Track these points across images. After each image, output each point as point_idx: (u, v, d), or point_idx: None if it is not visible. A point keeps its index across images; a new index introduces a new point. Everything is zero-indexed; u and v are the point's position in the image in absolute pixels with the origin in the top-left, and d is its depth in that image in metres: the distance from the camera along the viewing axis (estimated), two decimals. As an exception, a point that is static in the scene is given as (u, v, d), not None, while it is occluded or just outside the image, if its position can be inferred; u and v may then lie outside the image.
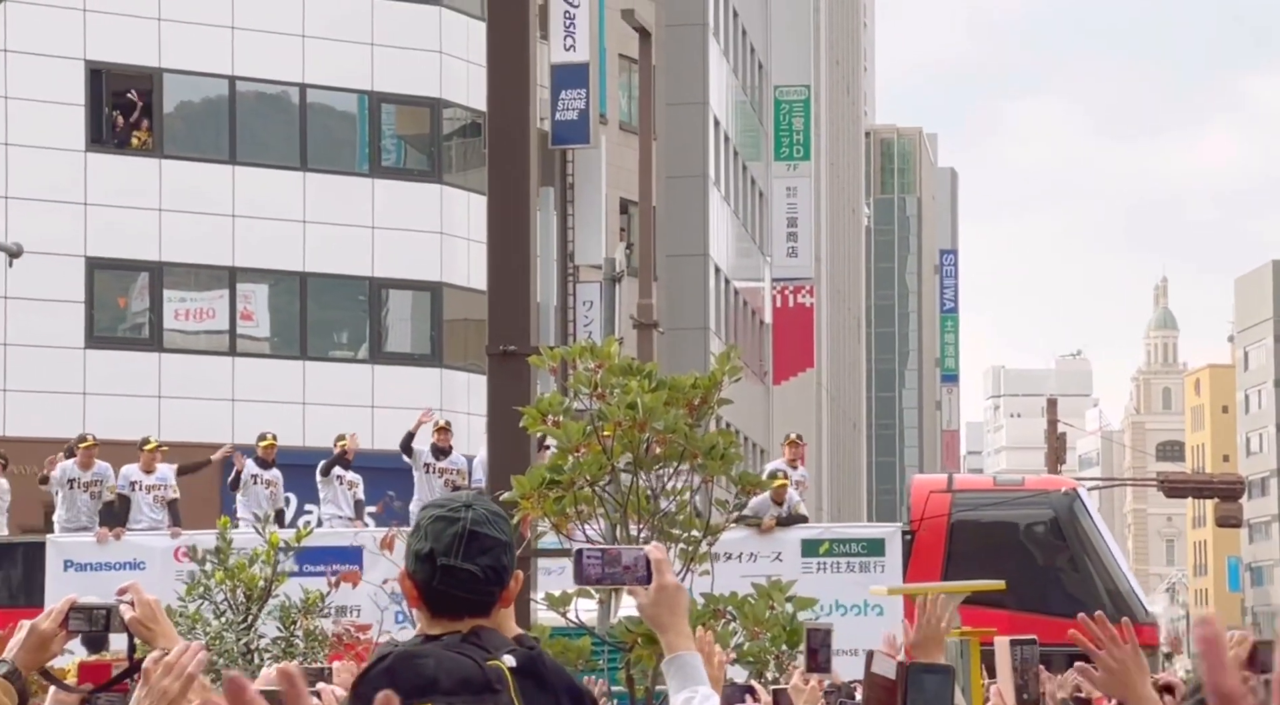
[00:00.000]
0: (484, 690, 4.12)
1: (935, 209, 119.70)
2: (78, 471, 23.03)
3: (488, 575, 4.24)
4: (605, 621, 11.44)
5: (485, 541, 4.25)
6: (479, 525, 4.25)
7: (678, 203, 49.99)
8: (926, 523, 22.56)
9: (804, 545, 22.38)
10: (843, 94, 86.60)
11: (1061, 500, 23.06)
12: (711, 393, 11.41)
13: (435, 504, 4.37)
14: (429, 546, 4.25)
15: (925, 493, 23.23)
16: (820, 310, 68.46)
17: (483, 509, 4.32)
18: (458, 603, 4.24)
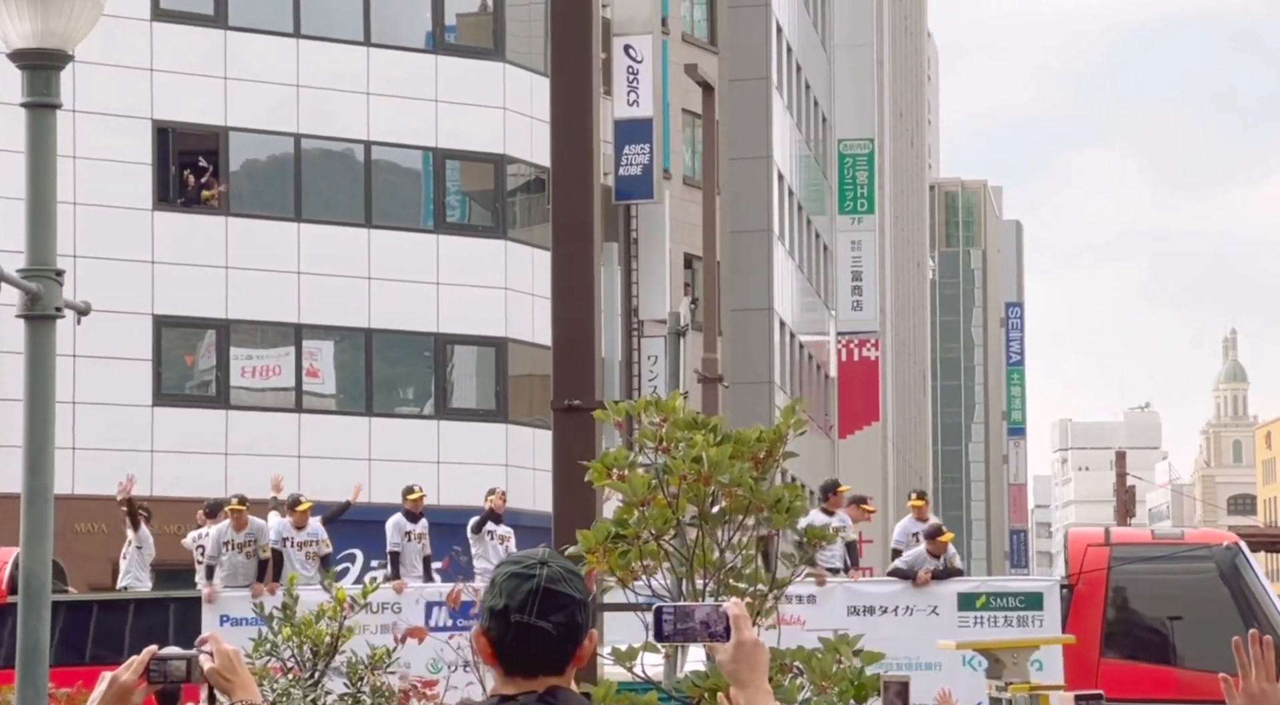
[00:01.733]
0: None
1: (1000, 262, 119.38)
2: (231, 534, 23.15)
3: (562, 633, 4.18)
4: (671, 676, 11.38)
5: (560, 598, 4.19)
6: (554, 582, 4.19)
7: (742, 257, 50.00)
8: (1085, 576, 22.26)
9: (960, 599, 22.20)
10: (906, 147, 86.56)
11: (1224, 554, 22.71)
12: (777, 446, 11.36)
13: (511, 560, 4.33)
14: (504, 603, 4.19)
15: (1083, 546, 22.87)
16: (885, 364, 68.31)
17: (558, 566, 4.28)
18: (532, 661, 4.19)
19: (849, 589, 22.46)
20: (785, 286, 54.19)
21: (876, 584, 22.75)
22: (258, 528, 23.29)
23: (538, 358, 36.58)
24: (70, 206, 38.61)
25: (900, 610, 22.03)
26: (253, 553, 23.09)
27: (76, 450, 35.84)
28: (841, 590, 22.34)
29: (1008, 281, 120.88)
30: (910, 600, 22.06)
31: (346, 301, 40.32)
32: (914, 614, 21.89)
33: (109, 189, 38.56)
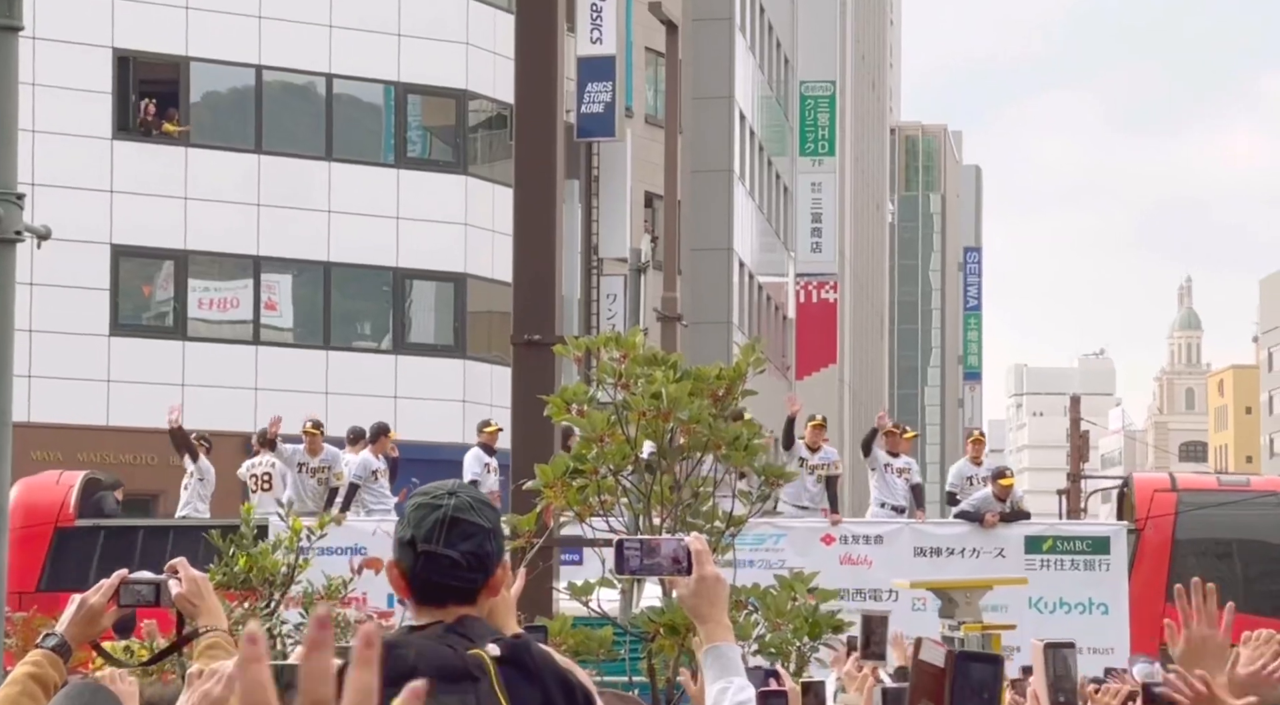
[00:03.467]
0: (463, 679, 4.05)
1: (959, 206, 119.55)
2: (306, 457, 22.97)
3: (470, 562, 4.18)
4: (627, 611, 11.44)
5: (468, 527, 4.19)
6: (461, 512, 4.20)
7: (702, 197, 49.98)
8: (1152, 521, 22.40)
9: (1027, 542, 22.31)
10: (868, 90, 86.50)
11: None
12: (736, 384, 11.41)
13: (420, 490, 4.35)
14: (411, 533, 4.20)
15: (1150, 491, 23.06)
16: (844, 306, 68.41)
17: (467, 495, 4.27)
18: (441, 591, 4.19)
19: (916, 530, 22.53)
20: (745, 227, 54.18)
21: (944, 525, 22.87)
22: (332, 455, 23.08)
23: (497, 294, 36.59)
24: (29, 134, 38.40)
25: (967, 552, 22.15)
26: (324, 479, 22.86)
27: (33, 378, 35.73)
28: (909, 531, 22.44)
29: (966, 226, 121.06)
30: (977, 542, 22.18)
31: (306, 235, 40.22)
32: (980, 556, 22.00)
33: (68, 117, 38.35)
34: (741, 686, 4.63)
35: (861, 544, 22.17)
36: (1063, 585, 21.70)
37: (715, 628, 4.67)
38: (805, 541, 22.17)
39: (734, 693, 4.61)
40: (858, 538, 22.34)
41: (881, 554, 21.97)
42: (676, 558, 4.70)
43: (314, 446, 22.95)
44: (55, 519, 22.59)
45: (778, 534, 22.17)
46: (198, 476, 23.41)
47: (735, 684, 4.63)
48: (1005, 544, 22.18)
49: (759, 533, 22.04)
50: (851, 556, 22.05)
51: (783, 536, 22.19)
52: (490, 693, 4.06)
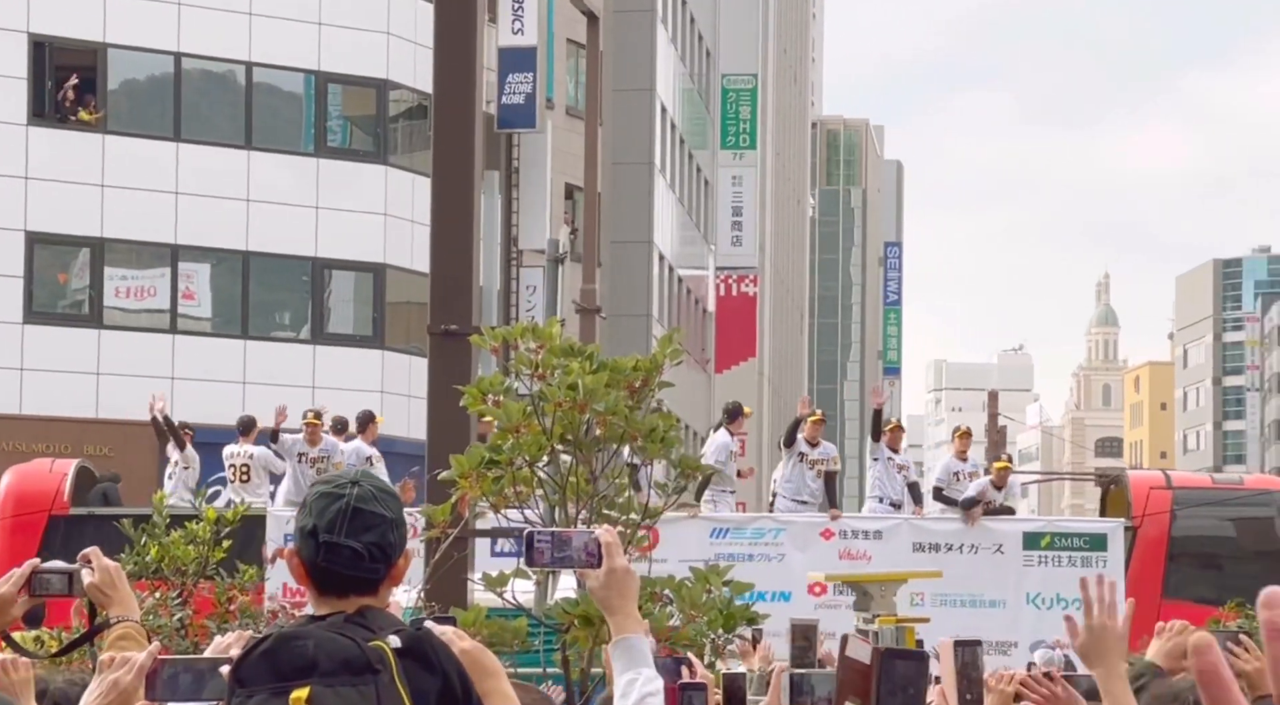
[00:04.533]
0: (364, 671, 4.03)
1: (880, 201, 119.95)
2: (305, 447, 22.86)
3: (372, 553, 4.16)
4: (542, 602, 11.42)
5: (370, 518, 4.17)
6: (364, 502, 4.18)
7: (623, 189, 49.96)
8: (1148, 519, 22.55)
9: (1026, 538, 22.42)
10: (790, 84, 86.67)
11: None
12: (653, 375, 11.39)
13: (323, 480, 4.32)
14: (313, 523, 4.18)
15: (1145, 489, 23.22)
16: (763, 300, 68.53)
17: (370, 485, 4.25)
18: (342, 581, 4.17)
19: (915, 526, 22.61)
20: (665, 219, 54.19)
21: (943, 521, 22.93)
22: (331, 444, 23.00)
23: (416, 284, 36.46)
24: (-57, 119, 38.11)
25: (965, 548, 22.21)
26: (324, 469, 22.72)
27: (-54, 367, 35.44)
28: (907, 526, 22.50)
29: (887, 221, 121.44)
30: (975, 538, 22.25)
31: (224, 223, 39.99)
32: (979, 552, 22.09)
33: (-17, 103, 38.03)
34: (650, 678, 4.63)
35: (861, 539, 22.24)
36: (1060, 581, 21.85)
37: (625, 620, 4.67)
38: (804, 536, 22.22)
39: (642, 684, 4.61)
40: (857, 533, 22.42)
41: (881, 549, 22.04)
42: (587, 550, 4.69)
43: (314, 437, 22.90)
44: (50, 507, 22.48)
45: (777, 529, 22.27)
46: (183, 465, 23.21)
47: (644, 675, 4.62)
48: (1003, 540, 22.31)
49: (758, 527, 22.29)
50: (850, 551, 22.14)
51: (782, 531, 22.26)
52: (391, 684, 4.03)
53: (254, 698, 4.04)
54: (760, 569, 20.46)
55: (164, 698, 4.52)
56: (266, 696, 4.03)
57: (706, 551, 21.43)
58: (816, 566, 20.43)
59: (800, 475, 22.63)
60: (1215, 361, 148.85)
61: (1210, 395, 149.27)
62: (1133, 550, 22.29)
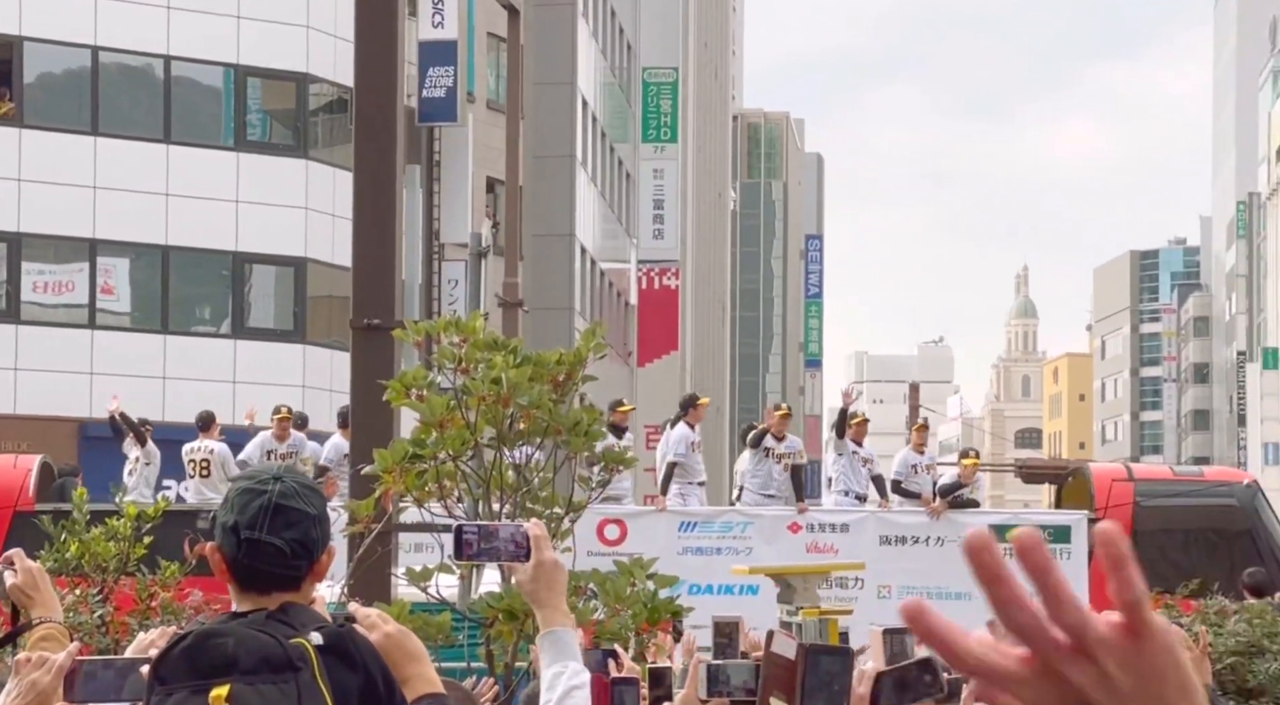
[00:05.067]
0: (285, 668, 4.02)
1: (801, 194, 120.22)
2: (274, 443, 22.76)
3: (294, 549, 4.15)
4: (466, 597, 11.41)
5: (293, 514, 4.16)
6: (286, 498, 4.17)
7: (544, 182, 49.92)
8: (1112, 510, 22.62)
9: (991, 531, 22.43)
10: (711, 78, 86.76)
11: (1245, 492, 23.41)
12: (576, 369, 11.40)
13: (246, 475, 4.32)
14: (235, 519, 4.17)
15: (1108, 481, 23.39)
16: (685, 293, 68.61)
17: (293, 481, 4.25)
18: (264, 578, 4.16)
19: (882, 518, 22.67)
20: (587, 213, 54.19)
21: (909, 514, 22.96)
22: (299, 440, 22.92)
23: (337, 278, 36.33)
24: None
25: (932, 541, 22.29)
26: (293, 465, 22.57)
27: None
28: (874, 519, 22.56)
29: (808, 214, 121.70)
30: (941, 531, 22.34)
31: (143, 218, 39.76)
32: (945, 544, 22.10)
33: (-102, 97, 37.68)
34: (576, 671, 4.64)
35: (828, 533, 22.29)
36: None
37: (552, 613, 4.67)
38: (772, 530, 22.26)
39: (568, 677, 4.61)
40: (824, 526, 22.47)
41: (848, 542, 22.09)
42: (515, 543, 4.69)
43: (282, 432, 22.79)
44: (14, 503, 22.30)
45: (745, 522, 22.30)
46: (144, 461, 23.06)
47: (570, 668, 4.63)
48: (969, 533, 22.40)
49: (726, 521, 22.28)
50: (818, 544, 22.16)
51: (750, 524, 22.30)
52: (312, 682, 4.02)
53: (173, 696, 4.02)
54: (728, 562, 20.56)
55: (83, 698, 4.49)
56: (186, 695, 4.01)
57: (675, 545, 21.54)
58: (784, 560, 20.56)
59: (767, 469, 22.69)
60: (1133, 353, 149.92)
61: (1128, 386, 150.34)
62: None
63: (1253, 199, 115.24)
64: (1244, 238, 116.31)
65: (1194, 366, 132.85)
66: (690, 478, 22.82)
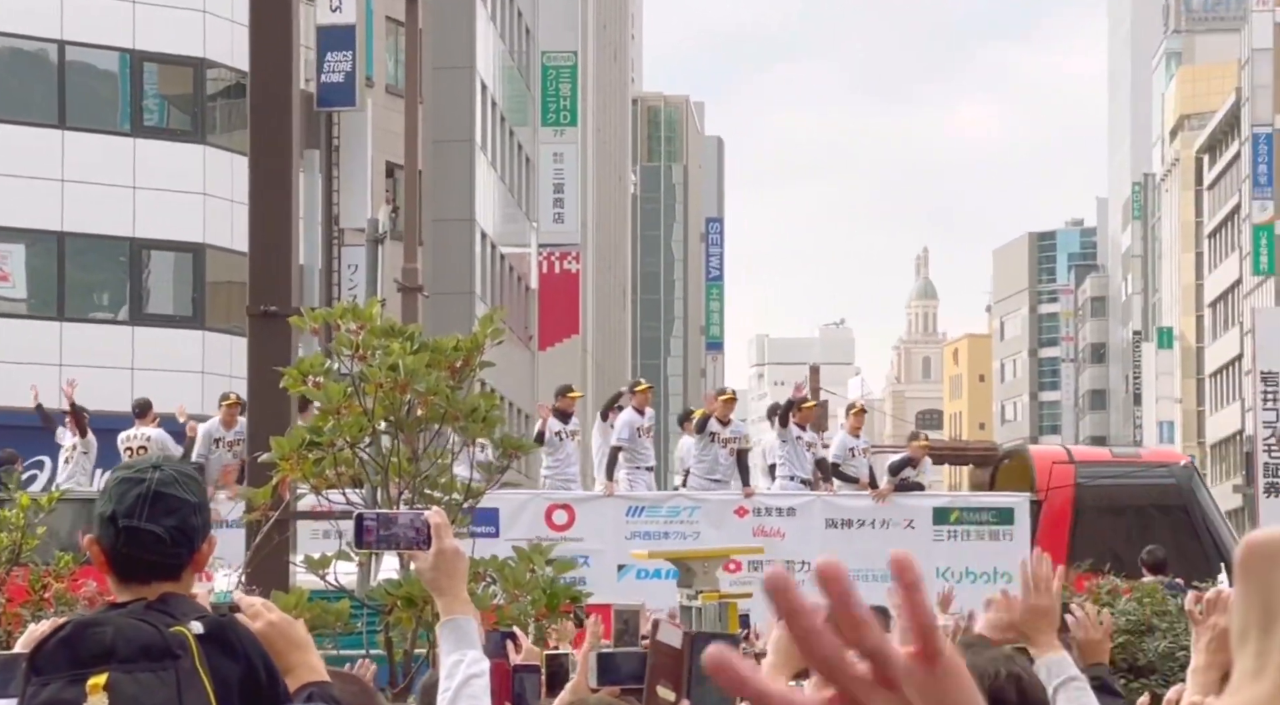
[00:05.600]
0: (164, 656, 4.01)
1: (701, 177, 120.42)
2: (222, 431, 22.45)
3: (174, 537, 4.13)
4: (365, 584, 11.40)
5: (172, 502, 4.15)
6: (165, 486, 4.15)
7: (444, 167, 49.79)
8: (1053, 492, 22.96)
9: (935, 513, 22.76)
10: (610, 61, 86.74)
11: (1183, 472, 23.80)
12: (474, 355, 11.39)
13: (124, 465, 4.29)
14: (113, 508, 4.15)
15: (1049, 463, 23.69)
16: (586, 277, 68.60)
17: (171, 470, 4.23)
18: (143, 567, 4.14)
19: (827, 502, 22.81)
20: (487, 197, 54.08)
21: (855, 498, 23.14)
22: None
23: (236, 264, 36.10)
24: None
25: (877, 523, 22.49)
26: (240, 452, 22.34)
27: None
28: (820, 503, 22.71)
29: (709, 197, 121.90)
30: (887, 514, 22.56)
31: (38, 204, 39.39)
32: (890, 527, 22.36)
33: None
34: (476, 659, 4.64)
35: (774, 516, 22.44)
36: (969, 555, 22.21)
37: (453, 601, 4.68)
38: (719, 514, 22.42)
39: (467, 665, 4.62)
40: (770, 510, 22.61)
41: (794, 526, 22.29)
42: (415, 530, 4.70)
43: (230, 419, 22.50)
44: None
45: (692, 506, 22.46)
46: (82, 450, 22.80)
47: (469, 656, 4.63)
48: (914, 515, 22.67)
49: (674, 505, 22.46)
50: (764, 528, 22.34)
51: (697, 509, 22.45)
52: (192, 670, 4.01)
53: (49, 686, 4.00)
54: (676, 547, 20.81)
55: None
56: (63, 684, 3.99)
57: (623, 529, 21.84)
58: (732, 544, 20.78)
59: (713, 454, 22.81)
60: (1031, 333, 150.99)
61: (1026, 366, 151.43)
62: (1038, 523, 22.71)
63: (1148, 180, 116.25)
64: (1139, 219, 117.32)
65: (1091, 347, 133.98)
66: (638, 462, 22.97)
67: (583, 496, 22.58)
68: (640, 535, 21.92)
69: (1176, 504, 23.17)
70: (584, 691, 5.54)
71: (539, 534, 21.21)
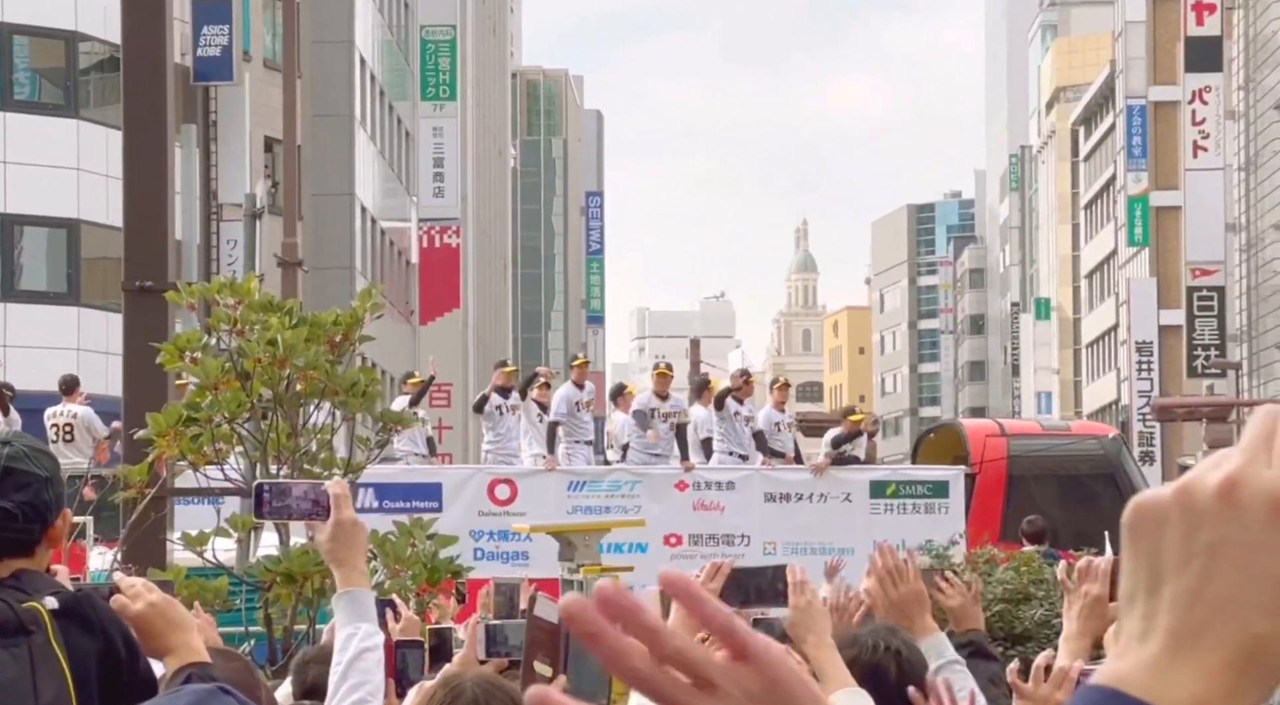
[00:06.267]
0: (16, 632, 3.96)
1: (581, 151, 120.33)
2: None
3: (25, 512, 4.08)
4: (244, 561, 11.34)
5: (23, 477, 4.10)
6: (15, 460, 4.11)
7: (323, 141, 49.53)
8: (986, 465, 23.35)
9: (872, 486, 22.99)
10: (489, 35, 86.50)
11: (1111, 444, 24.26)
12: (353, 330, 11.35)
13: None
14: None
15: (981, 436, 24.10)
16: (467, 251, 68.46)
17: (22, 445, 4.18)
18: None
19: (766, 476, 23.02)
20: (366, 172, 53.86)
21: (794, 471, 23.41)
22: None
23: (112, 240, 35.71)
24: None
25: (815, 497, 22.70)
26: None
27: None
28: (759, 477, 22.92)
29: (589, 171, 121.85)
30: (825, 488, 22.80)
31: (-91, 180, 38.88)
32: (828, 501, 22.59)
33: None
34: (370, 633, 4.62)
35: (714, 490, 22.67)
36: (905, 528, 22.48)
37: (350, 573, 4.65)
38: (660, 488, 22.65)
39: (360, 638, 4.59)
40: (710, 484, 22.83)
41: (733, 500, 22.55)
42: (312, 501, 4.67)
43: None
44: None
45: (633, 481, 22.72)
46: (6, 427, 22.47)
47: (363, 630, 4.61)
48: (851, 489, 22.92)
49: (615, 480, 22.72)
50: (704, 502, 22.62)
51: (638, 483, 22.70)
52: (45, 645, 3.96)
53: None
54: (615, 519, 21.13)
55: None
56: None
57: (565, 504, 22.09)
58: (672, 518, 21.09)
59: (653, 428, 23.03)
60: (910, 305, 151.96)
61: (906, 338, 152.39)
62: (972, 496, 23.07)
63: (1024, 152, 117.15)
64: (1016, 190, 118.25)
65: (970, 318, 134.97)
66: (577, 436, 23.25)
67: (525, 471, 22.82)
68: (582, 509, 22.20)
69: (1105, 473, 23.70)
70: (472, 663, 5.53)
71: (481, 508, 21.45)
